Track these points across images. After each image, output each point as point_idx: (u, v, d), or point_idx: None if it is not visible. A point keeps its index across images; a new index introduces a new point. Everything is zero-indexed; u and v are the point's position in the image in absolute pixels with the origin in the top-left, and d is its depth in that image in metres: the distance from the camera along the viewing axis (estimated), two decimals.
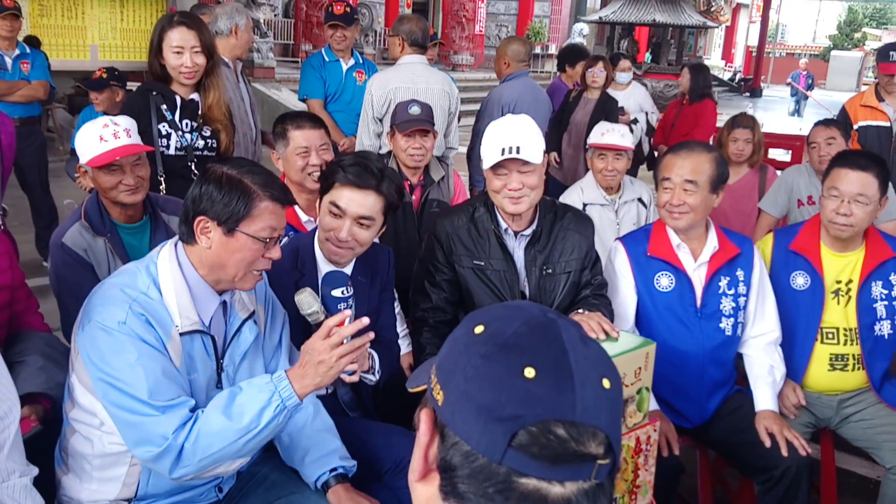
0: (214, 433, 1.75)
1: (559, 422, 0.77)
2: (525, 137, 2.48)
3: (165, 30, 3.22)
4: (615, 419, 0.81)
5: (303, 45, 15.46)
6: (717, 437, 2.76)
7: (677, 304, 2.72)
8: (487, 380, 0.81)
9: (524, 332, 0.84)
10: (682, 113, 6.41)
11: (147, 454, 1.77)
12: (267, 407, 1.77)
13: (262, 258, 1.92)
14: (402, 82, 4.40)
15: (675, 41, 14.61)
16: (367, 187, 2.34)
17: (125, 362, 1.77)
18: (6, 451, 1.79)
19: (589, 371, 0.81)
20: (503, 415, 0.78)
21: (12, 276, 2.44)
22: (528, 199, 2.54)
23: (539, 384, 0.79)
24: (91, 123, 2.59)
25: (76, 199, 5.24)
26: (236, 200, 1.86)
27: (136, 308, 1.81)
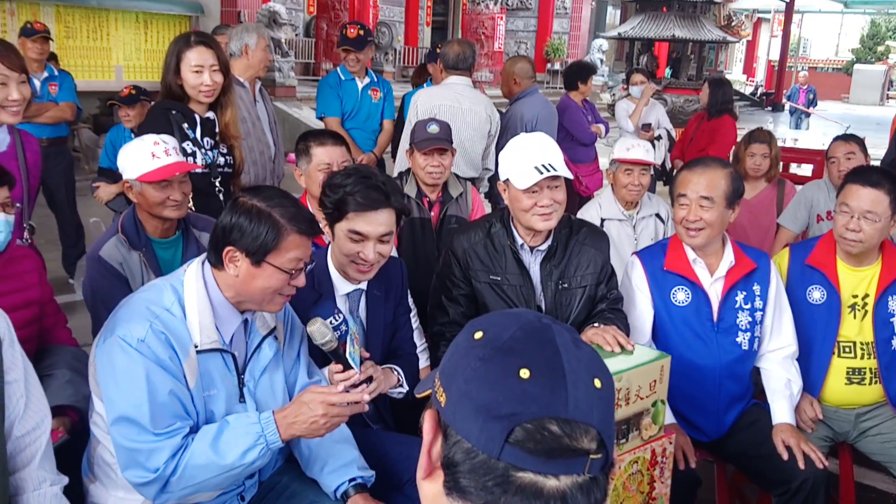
0: (199, 466, 1.83)
1: (553, 419, 0.82)
2: (552, 153, 2.52)
3: (183, 50, 3.28)
4: (607, 416, 0.86)
5: (323, 64, 15.63)
6: (734, 451, 2.77)
7: (694, 318, 2.74)
8: (485, 381, 0.86)
9: (520, 336, 0.89)
10: (701, 128, 6.37)
11: (136, 479, 1.85)
12: (252, 448, 1.85)
13: (287, 286, 1.98)
14: (447, 100, 4.49)
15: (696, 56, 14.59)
16: (380, 207, 2.37)
17: (134, 385, 1.83)
18: (38, 460, 1.84)
19: (581, 371, 0.86)
20: (500, 413, 0.83)
21: (41, 292, 2.51)
22: (557, 215, 2.57)
23: (534, 384, 0.84)
24: (140, 140, 2.67)
25: (102, 218, 5.35)
26: (265, 234, 1.91)
27: (156, 326, 1.87)
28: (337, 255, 2.47)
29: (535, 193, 2.52)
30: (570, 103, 6.30)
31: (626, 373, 2.08)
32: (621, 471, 2.13)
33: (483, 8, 19.91)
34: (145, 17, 10.86)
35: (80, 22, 10.06)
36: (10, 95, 2.69)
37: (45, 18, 9.41)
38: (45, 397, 1.92)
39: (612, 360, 2.20)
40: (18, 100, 2.72)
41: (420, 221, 3.59)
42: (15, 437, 1.83)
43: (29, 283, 2.46)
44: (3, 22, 9.11)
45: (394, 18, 18.86)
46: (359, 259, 2.39)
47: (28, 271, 2.48)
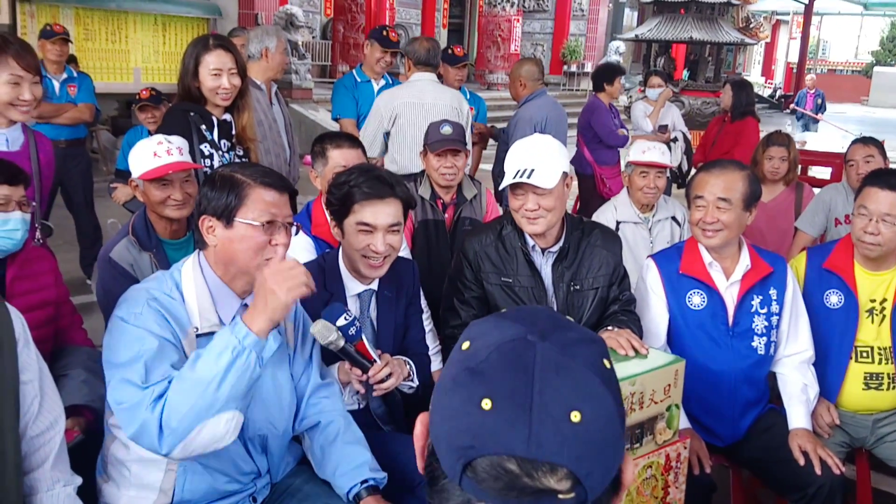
0: (182, 392, 1.75)
1: (510, 457, 0.76)
2: (542, 160, 2.50)
3: (202, 53, 3.30)
4: (587, 453, 0.77)
5: (340, 66, 15.64)
6: (749, 456, 2.75)
7: (709, 322, 2.72)
8: (449, 406, 0.81)
9: (495, 358, 0.82)
10: (724, 131, 6.33)
11: (138, 435, 1.78)
12: (224, 351, 1.75)
13: (269, 246, 1.97)
14: (409, 97, 4.47)
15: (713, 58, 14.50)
16: (386, 196, 2.40)
17: (130, 351, 1.83)
18: (51, 460, 1.85)
19: (554, 404, 0.78)
20: (457, 444, 0.79)
21: (57, 293, 2.53)
22: (544, 221, 2.56)
23: (494, 416, 0.77)
24: (146, 140, 2.71)
25: (120, 219, 5.38)
26: (228, 194, 1.95)
27: (153, 304, 1.90)
28: (348, 252, 2.48)
29: (520, 196, 2.54)
30: (598, 105, 6.30)
31: (640, 377, 2.07)
32: (635, 475, 2.12)
33: (500, 10, 19.88)
34: (163, 20, 10.93)
35: (99, 24, 10.14)
36: (22, 95, 2.73)
37: (65, 21, 9.50)
38: (59, 398, 1.93)
39: (626, 363, 2.18)
40: (30, 100, 2.76)
41: (434, 223, 3.59)
42: (29, 437, 1.84)
43: (45, 284, 2.48)
44: (23, 24, 9.19)
45: (410, 21, 18.87)
46: (370, 252, 2.40)
47: (44, 272, 2.50)
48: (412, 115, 4.34)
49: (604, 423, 0.79)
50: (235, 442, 2.02)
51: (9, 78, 2.70)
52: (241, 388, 1.77)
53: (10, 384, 1.77)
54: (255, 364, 1.78)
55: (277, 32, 4.57)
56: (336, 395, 2.29)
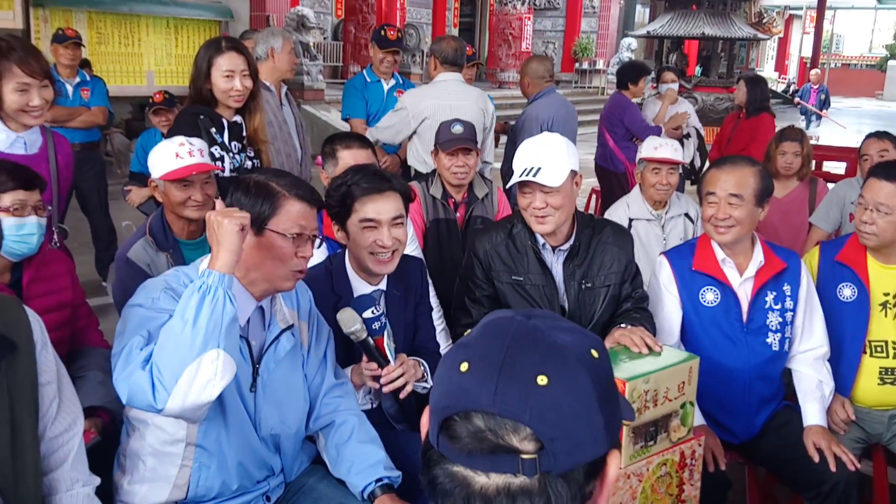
0: (164, 342, 1.75)
1: (479, 412, 0.81)
2: (549, 159, 2.50)
3: (214, 55, 3.31)
4: (551, 417, 0.81)
5: (351, 67, 15.68)
6: (765, 453, 2.74)
7: (723, 319, 2.71)
8: (438, 376, 0.88)
9: (479, 331, 0.89)
10: (739, 127, 6.27)
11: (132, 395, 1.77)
12: (193, 293, 1.76)
13: (295, 257, 1.99)
14: (437, 98, 4.47)
15: (726, 54, 14.43)
16: (385, 190, 2.42)
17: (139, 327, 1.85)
18: (70, 461, 1.87)
19: (522, 366, 0.82)
20: (437, 406, 0.85)
21: (74, 295, 2.56)
22: (552, 219, 2.56)
23: (468, 377, 0.83)
24: (168, 141, 2.72)
25: (134, 222, 5.41)
26: (262, 202, 1.96)
27: (169, 293, 1.92)
28: (355, 252, 2.48)
29: (528, 195, 2.54)
30: (628, 102, 6.27)
31: (654, 374, 2.07)
32: (650, 473, 2.12)
33: (510, 8, 19.87)
34: (176, 23, 10.98)
35: (111, 28, 10.20)
36: (32, 102, 2.75)
37: (78, 25, 9.56)
38: (77, 399, 1.95)
39: (640, 361, 2.18)
40: (40, 105, 2.78)
41: (446, 222, 3.60)
42: (48, 439, 1.85)
43: (62, 286, 2.50)
44: (36, 28, 9.27)
45: (421, 20, 18.90)
46: (377, 248, 2.41)
47: (61, 274, 2.52)
48: (440, 116, 4.32)
49: (574, 395, 0.83)
50: (249, 440, 2.04)
51: (15, 86, 2.71)
52: (217, 325, 1.75)
53: (28, 386, 1.79)
54: (223, 299, 1.76)
55: (283, 33, 4.59)
56: (350, 395, 2.31)
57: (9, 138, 2.81)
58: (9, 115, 2.77)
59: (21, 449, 1.76)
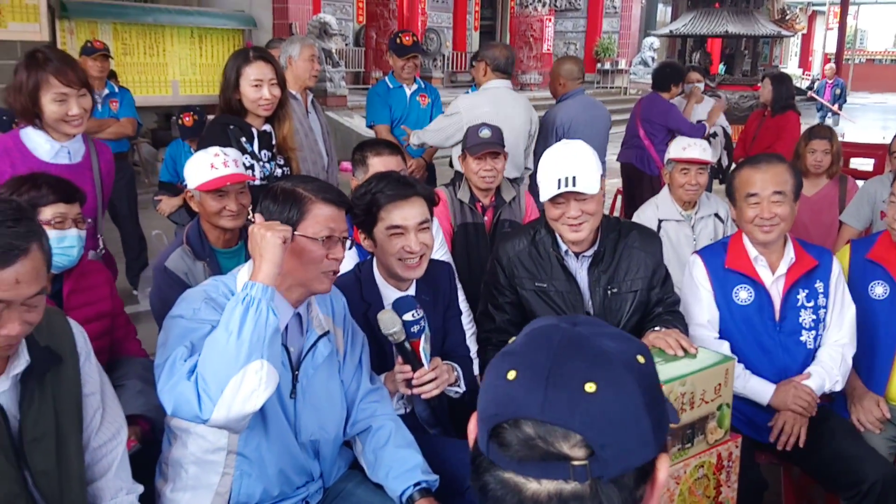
0: (209, 353, 1.78)
1: (528, 420, 0.82)
2: (580, 166, 2.48)
3: (243, 65, 3.35)
4: (601, 424, 0.82)
5: (373, 73, 15.74)
6: (801, 453, 2.71)
7: (756, 317, 2.71)
8: (484, 384, 0.89)
9: (526, 340, 0.90)
10: (764, 125, 6.23)
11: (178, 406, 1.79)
12: (236, 305, 1.79)
13: (326, 259, 2.02)
14: (492, 105, 4.50)
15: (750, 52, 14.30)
16: (410, 196, 2.43)
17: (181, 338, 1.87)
18: (114, 470, 1.91)
19: (570, 374, 0.83)
20: (486, 414, 0.86)
21: (112, 305, 2.60)
22: (588, 225, 2.54)
23: (516, 385, 0.85)
24: (202, 152, 2.75)
25: (164, 231, 5.47)
26: (290, 207, 1.99)
27: (210, 304, 1.95)
28: (383, 259, 2.49)
29: (561, 205, 2.51)
30: (669, 104, 6.19)
31: (691, 377, 2.07)
32: (687, 475, 2.11)
33: (531, 10, 19.86)
34: (200, 33, 11.07)
35: (136, 39, 10.30)
36: (71, 111, 2.79)
37: (103, 36, 9.66)
38: (120, 409, 1.98)
39: (676, 364, 2.18)
40: (79, 114, 2.82)
41: (474, 226, 3.61)
42: (92, 448, 1.89)
43: (101, 296, 2.54)
44: (62, 40, 9.37)
45: (441, 24, 18.94)
46: (405, 254, 2.42)
47: (99, 284, 2.56)
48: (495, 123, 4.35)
49: (621, 401, 0.84)
50: (289, 446, 2.06)
51: (54, 96, 2.75)
52: (260, 336, 1.77)
53: (73, 397, 1.82)
54: (266, 310, 1.79)
55: (302, 40, 4.63)
56: (386, 400, 2.32)
57: (53, 148, 2.87)
58: (50, 125, 2.82)
59: (66, 459, 1.79)
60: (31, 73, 2.75)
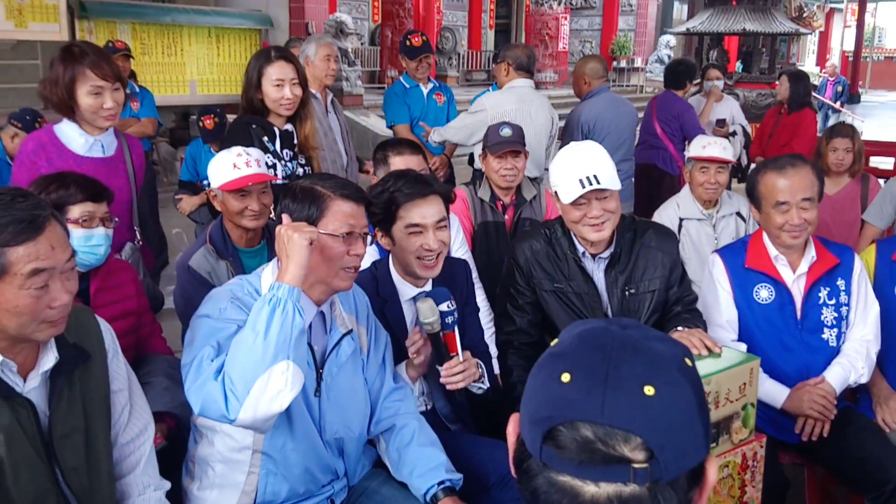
0: (236, 352, 1.80)
1: (586, 423, 0.82)
2: (599, 164, 2.48)
3: (265, 65, 3.38)
4: (660, 426, 0.82)
5: (388, 72, 15.74)
6: (824, 453, 2.70)
7: (777, 316, 2.70)
8: (533, 386, 0.89)
9: (576, 342, 0.90)
10: (781, 123, 6.21)
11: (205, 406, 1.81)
12: (263, 306, 1.81)
13: (347, 255, 2.02)
14: (514, 104, 4.51)
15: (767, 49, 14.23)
16: (428, 194, 2.43)
17: (208, 337, 1.89)
18: (142, 466, 1.92)
19: (628, 377, 0.84)
20: (538, 416, 0.85)
21: (139, 303, 2.62)
22: (609, 224, 2.54)
23: (572, 388, 0.84)
24: (225, 152, 2.78)
25: (184, 229, 5.50)
26: (309, 206, 2.00)
27: (236, 303, 1.97)
28: (400, 257, 2.50)
29: (582, 205, 2.49)
30: (686, 103, 6.12)
31: (715, 376, 2.06)
32: None
33: (546, 8, 19.81)
34: (217, 32, 11.11)
35: (155, 38, 10.35)
36: (105, 104, 2.84)
37: (122, 35, 9.71)
38: (147, 405, 2.00)
39: (701, 363, 2.16)
40: (112, 107, 2.87)
41: (494, 225, 3.61)
42: (120, 445, 1.91)
43: (127, 294, 2.57)
44: (82, 39, 9.43)
45: (457, 23, 18.92)
46: (423, 252, 2.42)
47: (126, 282, 2.58)
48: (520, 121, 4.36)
49: (679, 404, 0.84)
50: (314, 444, 2.07)
51: (90, 89, 2.80)
52: (286, 337, 1.79)
53: (101, 394, 1.84)
54: (293, 311, 1.81)
55: (319, 39, 4.65)
56: (409, 398, 2.33)
57: (87, 142, 2.91)
58: (84, 118, 2.86)
59: (95, 455, 1.81)
60: (67, 67, 2.80)
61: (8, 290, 1.57)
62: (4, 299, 1.57)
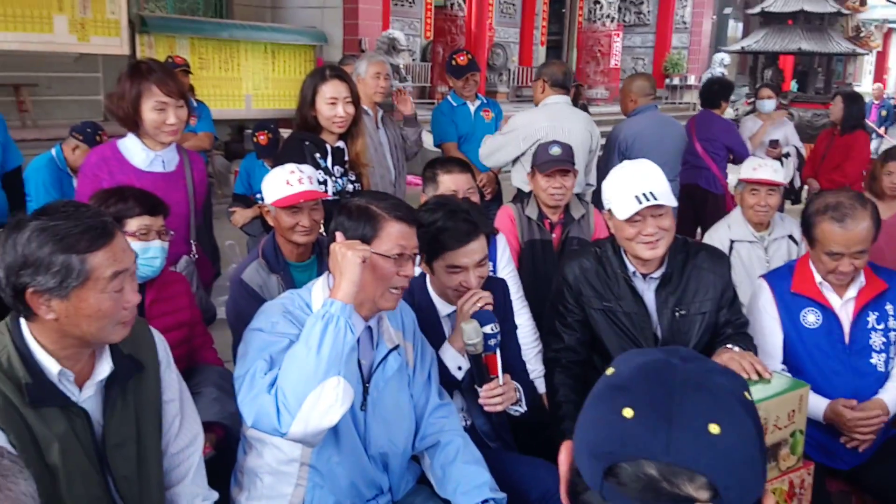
0: (289, 367, 1.84)
1: (651, 461, 0.81)
2: (654, 181, 2.47)
3: (319, 83, 3.45)
4: (725, 466, 0.82)
5: (439, 87, 15.82)
6: (874, 481, 2.65)
7: (825, 341, 2.66)
8: (592, 418, 0.88)
9: (636, 375, 0.89)
10: (834, 144, 6.11)
11: (258, 418, 1.86)
12: (316, 322, 1.85)
13: (397, 276, 2.05)
14: (547, 121, 4.50)
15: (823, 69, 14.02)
16: (473, 237, 2.43)
17: (261, 351, 1.93)
18: (191, 476, 1.96)
19: (693, 415, 0.83)
20: (599, 451, 0.84)
21: (192, 314, 2.68)
22: (664, 242, 2.51)
23: (635, 424, 0.83)
24: (279, 169, 2.83)
25: (237, 241, 5.60)
26: (364, 225, 2.03)
27: (288, 317, 2.01)
28: (437, 285, 2.53)
29: (637, 222, 2.47)
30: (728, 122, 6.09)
31: (765, 402, 2.03)
32: None
33: (599, 25, 19.77)
34: (272, 48, 11.29)
35: (212, 53, 10.56)
36: (168, 120, 2.92)
37: (181, 50, 9.93)
38: (198, 416, 2.04)
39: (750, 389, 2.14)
40: (175, 123, 2.95)
41: (541, 244, 3.60)
42: (170, 454, 1.95)
43: (180, 306, 2.63)
44: (142, 54, 9.65)
45: (508, 39, 18.96)
46: (461, 287, 2.45)
47: (179, 294, 2.65)
48: (553, 138, 4.37)
49: (743, 442, 0.84)
50: (360, 459, 2.10)
51: (154, 104, 2.88)
52: (338, 353, 1.83)
53: (153, 404, 1.89)
54: (345, 328, 1.85)
55: (370, 57, 4.72)
56: (454, 415, 2.35)
57: (148, 157, 2.99)
58: (147, 133, 2.95)
59: (146, 464, 1.85)
60: (134, 83, 2.89)
61: (91, 295, 1.64)
62: (87, 305, 1.64)
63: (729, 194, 5.96)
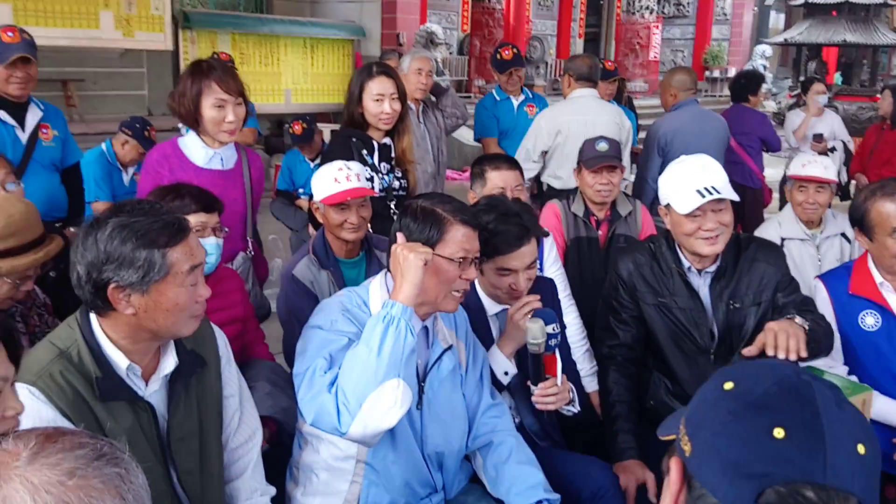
0: (349, 367, 1.86)
1: (808, 484, 0.80)
2: (715, 175, 2.46)
3: (366, 80, 3.46)
4: (871, 485, 0.82)
5: (476, 81, 15.80)
6: None
7: (885, 343, 2.61)
8: (736, 437, 0.85)
9: (774, 392, 0.87)
10: (883, 139, 6.00)
11: (318, 417, 1.89)
12: (377, 323, 1.86)
13: (459, 279, 2.06)
14: (572, 114, 4.49)
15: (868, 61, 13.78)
16: (525, 241, 2.41)
17: (321, 349, 1.96)
18: (250, 471, 1.99)
19: (843, 435, 0.82)
20: (751, 472, 0.82)
21: (245, 310, 2.72)
22: (723, 238, 2.50)
23: (788, 445, 0.82)
24: (328, 166, 2.85)
25: (279, 235, 5.66)
26: (430, 227, 2.04)
27: (347, 315, 2.04)
28: (486, 285, 2.52)
29: (697, 217, 2.46)
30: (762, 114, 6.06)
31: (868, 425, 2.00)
32: None
33: (638, 17, 19.59)
34: (311, 42, 11.33)
35: (253, 48, 10.63)
36: (227, 118, 2.94)
37: (222, 45, 10.02)
38: (256, 411, 2.07)
39: None
40: (234, 121, 2.97)
41: (587, 241, 3.58)
42: (230, 449, 1.98)
43: (234, 301, 2.66)
44: (185, 49, 9.77)
45: (546, 32, 18.85)
46: (511, 289, 2.44)
47: (233, 290, 2.68)
48: (575, 132, 4.33)
49: (878, 460, 0.85)
50: (415, 457, 2.11)
51: (214, 102, 2.91)
52: (398, 355, 1.85)
53: (214, 399, 1.92)
54: (405, 330, 1.87)
55: (414, 53, 4.73)
56: (506, 415, 2.35)
57: (207, 154, 3.03)
58: (206, 130, 2.98)
59: (208, 459, 1.88)
60: (195, 80, 2.93)
61: (170, 289, 1.67)
62: (166, 298, 1.67)
63: (766, 188, 5.90)
